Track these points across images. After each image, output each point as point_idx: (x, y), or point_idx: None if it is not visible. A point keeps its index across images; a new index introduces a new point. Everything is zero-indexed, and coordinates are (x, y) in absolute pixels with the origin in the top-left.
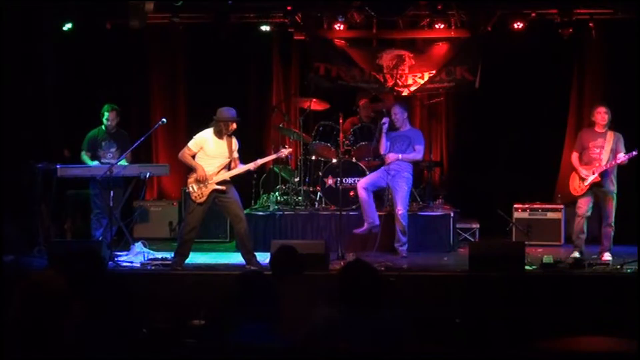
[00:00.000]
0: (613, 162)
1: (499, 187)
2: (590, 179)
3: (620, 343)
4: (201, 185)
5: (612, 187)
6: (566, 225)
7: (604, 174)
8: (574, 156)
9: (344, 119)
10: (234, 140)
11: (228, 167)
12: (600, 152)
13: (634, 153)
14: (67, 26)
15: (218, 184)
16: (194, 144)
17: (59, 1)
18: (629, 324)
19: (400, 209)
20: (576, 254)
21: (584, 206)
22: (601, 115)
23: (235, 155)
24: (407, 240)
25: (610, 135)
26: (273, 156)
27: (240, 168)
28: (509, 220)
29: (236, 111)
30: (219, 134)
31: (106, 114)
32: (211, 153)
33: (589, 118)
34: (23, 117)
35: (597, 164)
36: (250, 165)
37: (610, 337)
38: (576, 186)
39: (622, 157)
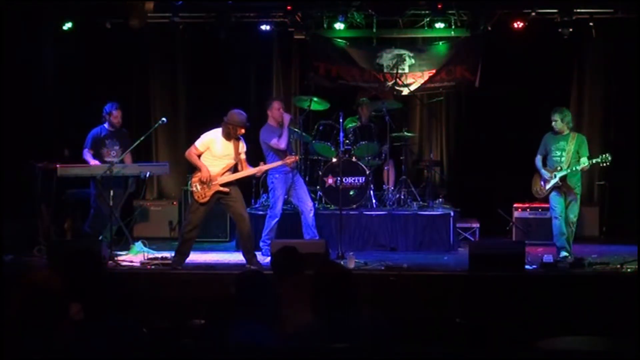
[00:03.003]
0: (576, 168)
1: (499, 187)
2: (552, 182)
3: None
4: (204, 185)
5: (576, 189)
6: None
7: (565, 178)
8: (537, 159)
9: (344, 118)
10: (242, 143)
11: (233, 169)
12: (562, 155)
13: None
14: (67, 26)
15: (222, 185)
16: (201, 143)
17: (59, 1)
18: (629, 324)
19: (311, 202)
20: (564, 254)
21: (558, 206)
22: (553, 122)
23: (243, 157)
24: None
25: (573, 137)
26: (279, 162)
27: (248, 171)
28: (509, 220)
29: (247, 116)
30: (227, 135)
31: (114, 112)
32: (217, 154)
33: (588, 116)
34: (23, 117)
35: (559, 168)
36: (255, 170)
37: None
38: (538, 189)
39: (584, 165)
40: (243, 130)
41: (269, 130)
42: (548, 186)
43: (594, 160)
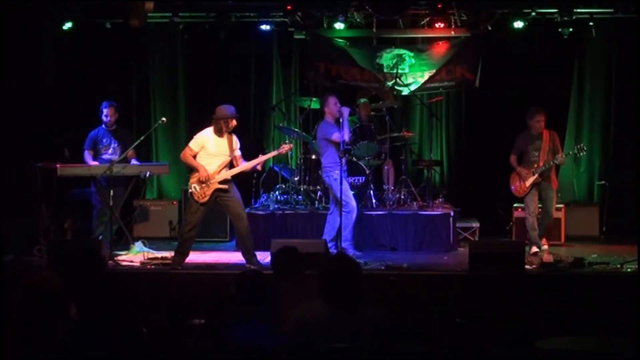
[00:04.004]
0: (552, 163)
1: (499, 186)
2: (531, 179)
3: None
4: (203, 185)
5: (553, 185)
6: (566, 225)
7: (543, 174)
8: (512, 159)
9: None
10: (235, 139)
11: (229, 165)
12: (539, 155)
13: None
14: (67, 26)
15: (220, 182)
16: (194, 143)
17: (59, 1)
18: (628, 324)
19: (355, 202)
20: (535, 249)
21: (532, 205)
22: (539, 124)
23: (238, 153)
24: None
25: (546, 135)
26: (274, 153)
27: (244, 165)
28: (509, 220)
29: (235, 108)
30: (219, 132)
31: (105, 110)
32: (212, 152)
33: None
34: (23, 117)
35: (536, 165)
36: (254, 162)
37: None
38: (517, 187)
39: (561, 158)
40: (235, 122)
41: (328, 125)
42: (528, 183)
43: (570, 152)
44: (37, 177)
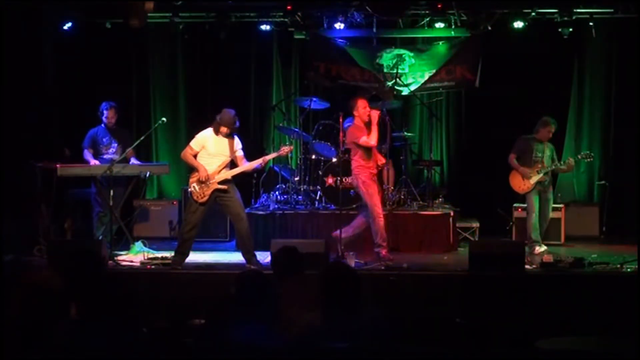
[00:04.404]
0: (559, 166)
1: (499, 186)
2: (538, 177)
3: None
4: (203, 185)
5: (552, 190)
6: (566, 225)
7: (547, 175)
8: (512, 158)
9: (344, 118)
10: (236, 139)
11: (229, 166)
12: (542, 155)
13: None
14: (67, 26)
15: (219, 183)
16: (195, 142)
17: (59, 1)
18: (628, 324)
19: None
20: (540, 249)
21: (534, 203)
22: (550, 134)
23: (240, 153)
24: None
25: (546, 144)
26: (274, 154)
27: (244, 166)
28: (509, 220)
29: (235, 114)
30: (216, 132)
31: (105, 112)
32: (212, 152)
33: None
34: (23, 117)
35: (540, 165)
36: (255, 163)
37: None
38: (520, 183)
39: (569, 163)
40: (225, 129)
41: (357, 129)
42: (533, 181)
43: (578, 157)
44: (37, 177)
